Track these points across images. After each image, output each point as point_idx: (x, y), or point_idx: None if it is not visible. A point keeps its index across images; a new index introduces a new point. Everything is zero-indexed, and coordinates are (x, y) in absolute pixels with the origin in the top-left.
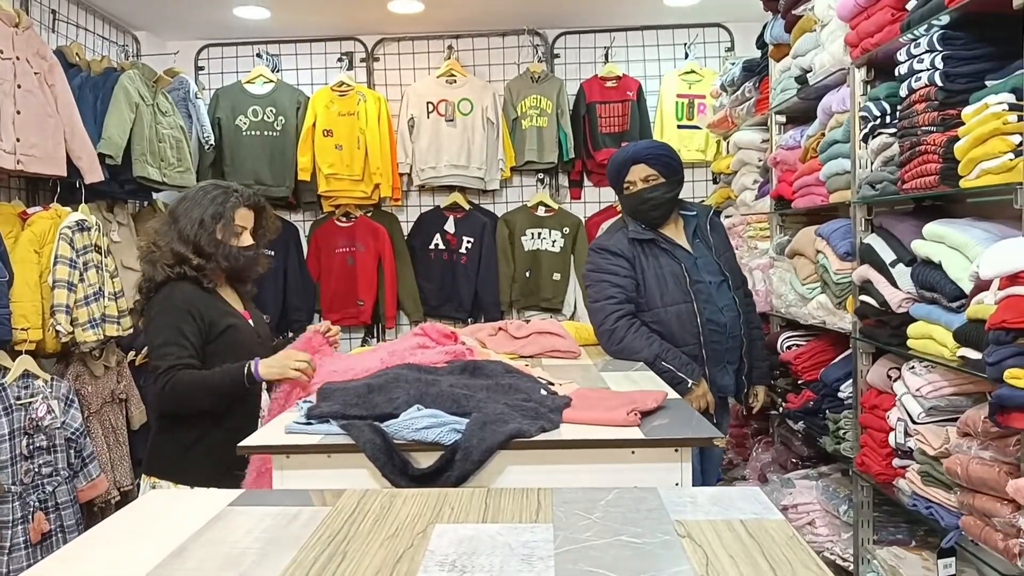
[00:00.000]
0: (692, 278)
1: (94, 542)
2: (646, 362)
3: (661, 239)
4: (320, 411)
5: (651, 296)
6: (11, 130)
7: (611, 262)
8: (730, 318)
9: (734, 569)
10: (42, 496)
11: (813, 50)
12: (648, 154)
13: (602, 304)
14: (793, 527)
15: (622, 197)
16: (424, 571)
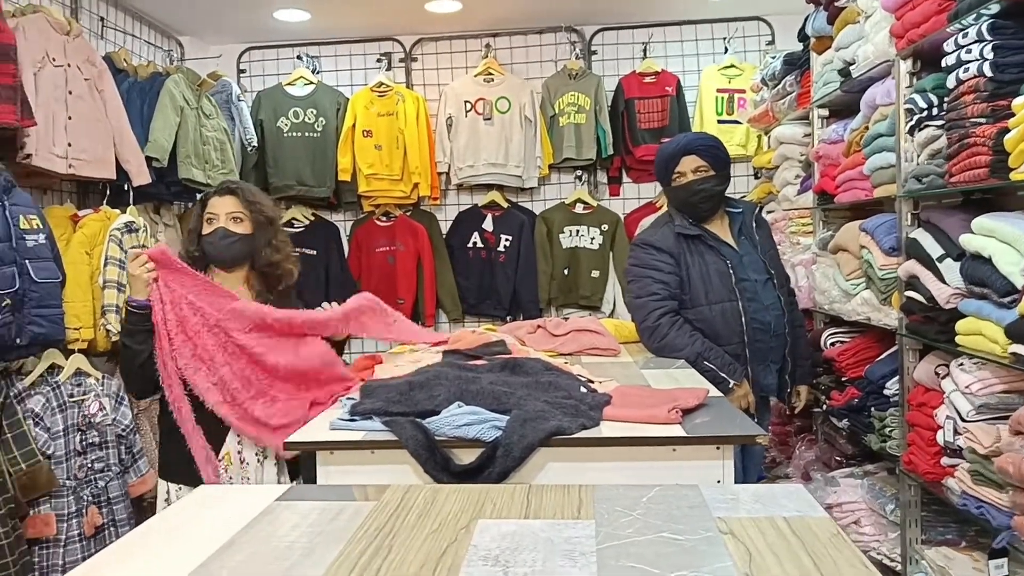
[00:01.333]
0: (738, 276)
1: (147, 535)
2: (688, 360)
3: (707, 235)
4: (363, 408)
5: (695, 293)
6: (63, 135)
7: (655, 258)
8: (775, 317)
9: (777, 566)
10: (95, 491)
11: (856, 42)
12: (700, 145)
13: (644, 300)
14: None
15: (669, 189)
16: (468, 565)
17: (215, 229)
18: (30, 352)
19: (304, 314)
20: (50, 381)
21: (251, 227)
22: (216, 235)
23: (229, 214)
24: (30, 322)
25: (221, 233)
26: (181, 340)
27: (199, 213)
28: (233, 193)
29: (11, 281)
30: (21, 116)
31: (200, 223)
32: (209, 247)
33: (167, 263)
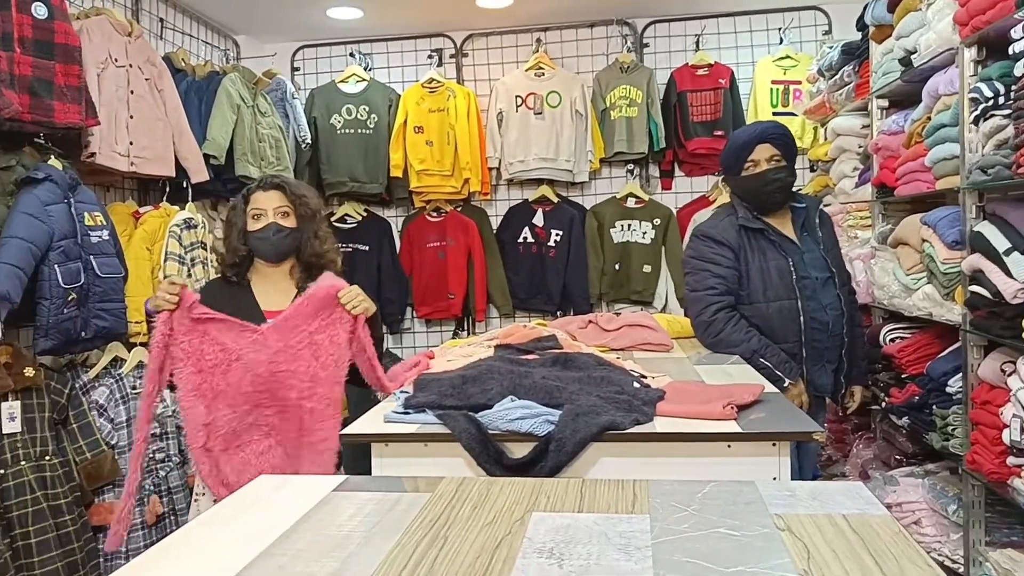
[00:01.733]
0: (798, 274)
1: (209, 523)
2: (743, 357)
3: (770, 230)
4: (417, 401)
5: (754, 290)
6: (125, 134)
7: (714, 251)
8: (833, 316)
9: (837, 564)
10: (156, 480)
11: (918, 30)
12: (775, 133)
13: (701, 295)
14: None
15: (738, 179)
16: (523, 557)
17: (266, 225)
18: (94, 345)
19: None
20: (113, 373)
21: (296, 220)
22: (268, 231)
23: (277, 209)
24: (94, 316)
25: (274, 228)
26: (190, 371)
27: (243, 209)
28: (279, 188)
29: (77, 276)
30: (86, 116)
31: (245, 219)
32: (260, 243)
33: (194, 309)
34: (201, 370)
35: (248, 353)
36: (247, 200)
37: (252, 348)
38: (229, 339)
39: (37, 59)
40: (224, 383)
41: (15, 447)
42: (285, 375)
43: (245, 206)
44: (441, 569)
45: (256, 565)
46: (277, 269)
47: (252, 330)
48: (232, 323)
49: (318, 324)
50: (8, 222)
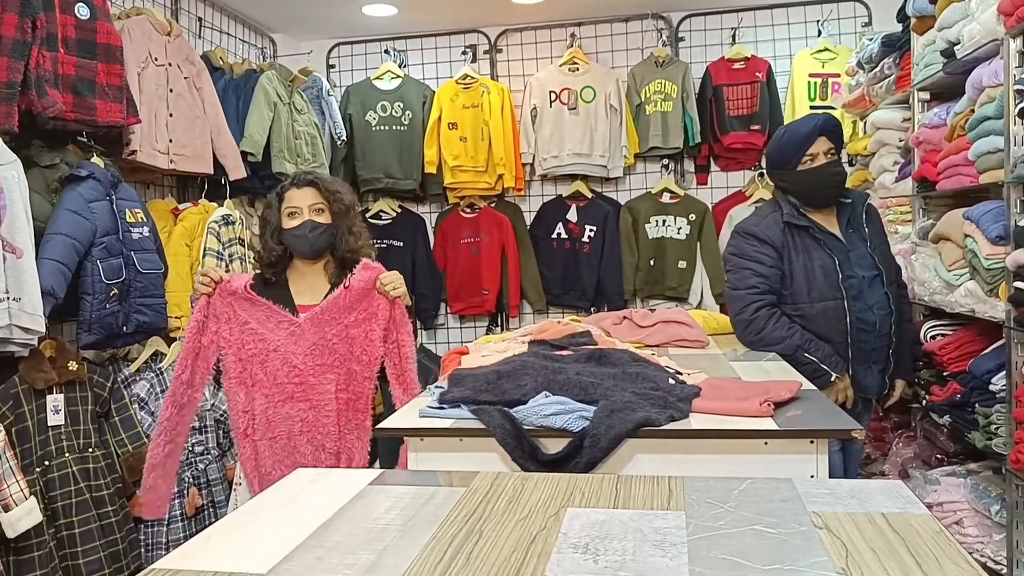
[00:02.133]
0: (844, 273)
1: (247, 516)
2: (786, 354)
3: (815, 227)
4: (452, 396)
5: (797, 289)
6: (165, 132)
7: (756, 249)
8: (880, 316)
9: (876, 563)
10: (195, 473)
11: (961, 21)
12: (832, 125)
13: (742, 293)
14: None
15: (793, 173)
16: (558, 552)
17: (303, 223)
18: (135, 339)
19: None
20: (153, 367)
21: (331, 216)
22: (305, 228)
23: (311, 206)
24: (135, 311)
25: (310, 226)
26: (232, 360)
27: (278, 207)
28: (313, 184)
29: (118, 272)
30: (127, 114)
31: (280, 217)
32: (297, 240)
33: (234, 293)
34: (241, 359)
35: (285, 344)
36: (281, 198)
37: (289, 339)
38: (267, 329)
39: (80, 59)
40: (262, 372)
41: (59, 439)
42: (321, 368)
43: (280, 204)
44: (477, 562)
45: (294, 557)
46: (313, 266)
47: (290, 321)
48: (271, 311)
49: (354, 318)
50: (52, 219)
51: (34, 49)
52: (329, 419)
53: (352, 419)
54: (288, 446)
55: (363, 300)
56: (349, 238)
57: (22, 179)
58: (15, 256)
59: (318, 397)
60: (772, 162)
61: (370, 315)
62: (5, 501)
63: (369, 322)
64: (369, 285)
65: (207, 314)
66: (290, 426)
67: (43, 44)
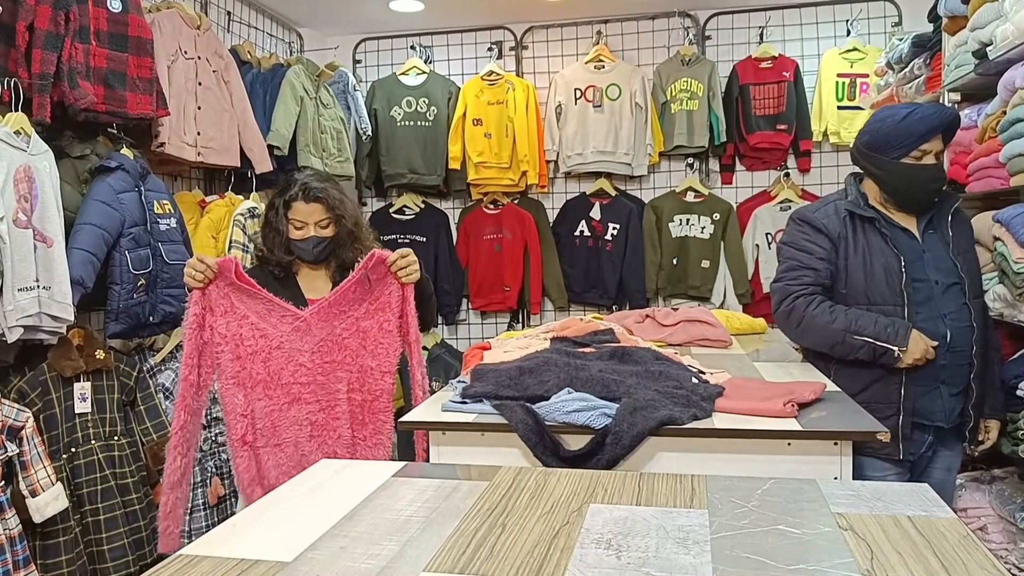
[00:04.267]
0: (910, 275)
1: (270, 506)
2: (835, 344)
3: (883, 220)
4: (474, 391)
5: (854, 289)
6: (193, 125)
7: (808, 238)
8: (956, 329)
9: (902, 566)
10: (218, 463)
11: (994, 21)
12: (956, 128)
13: (783, 284)
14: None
15: (894, 163)
16: (581, 547)
17: (307, 238)
18: (161, 329)
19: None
20: (179, 357)
21: (335, 229)
22: (309, 243)
23: (318, 222)
24: (162, 301)
25: (314, 241)
26: (228, 357)
27: (285, 215)
28: (319, 201)
29: (146, 262)
30: (156, 107)
31: (287, 227)
32: (302, 252)
33: (234, 280)
34: (240, 356)
35: (290, 341)
36: (288, 207)
37: (294, 335)
38: (270, 324)
39: (112, 51)
40: (264, 372)
41: (86, 427)
42: (331, 366)
43: (285, 212)
44: (500, 555)
45: (318, 546)
46: (317, 270)
47: (294, 315)
48: (273, 305)
49: (365, 309)
50: (82, 209)
51: (67, 41)
52: (340, 422)
53: (369, 422)
54: (295, 454)
55: (374, 290)
56: (349, 252)
57: (53, 169)
58: (46, 245)
59: (328, 398)
60: (873, 143)
61: (382, 305)
62: (32, 486)
63: (382, 312)
64: (380, 275)
65: (204, 307)
66: (297, 431)
67: (76, 36)
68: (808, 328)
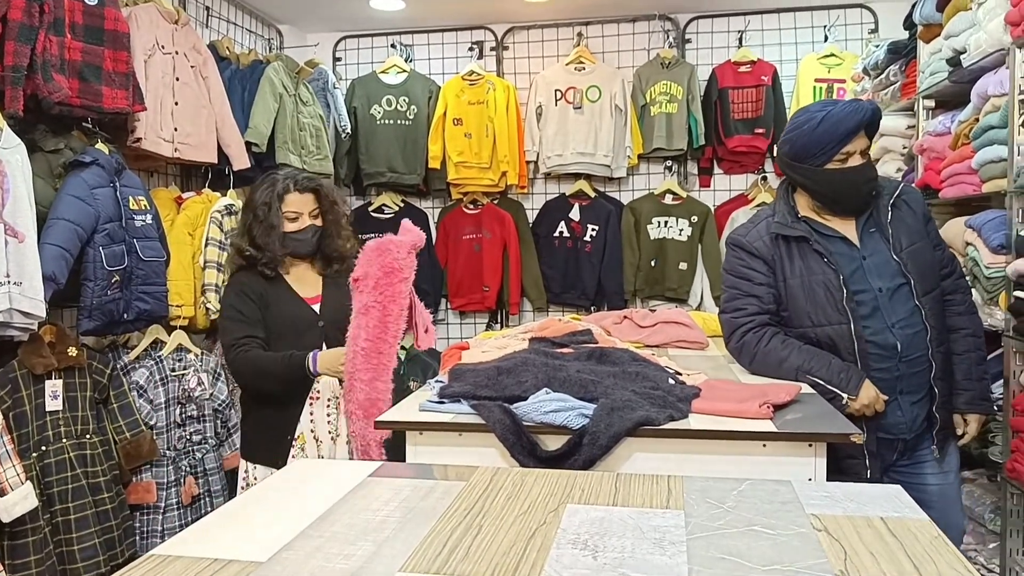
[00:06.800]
0: (850, 289)
1: (246, 505)
2: (789, 379)
3: (816, 236)
4: (452, 391)
5: (796, 312)
6: (170, 120)
7: (746, 264)
8: (907, 337)
9: (875, 566)
10: (192, 462)
11: (968, 30)
12: (878, 120)
13: (728, 317)
14: None
15: (819, 171)
16: (557, 547)
17: (305, 227)
18: (135, 327)
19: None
20: (153, 355)
21: (324, 220)
22: (307, 232)
23: (312, 212)
24: (136, 298)
25: (311, 230)
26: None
27: (278, 209)
28: (315, 191)
29: (121, 259)
30: (133, 102)
31: (280, 220)
32: (299, 244)
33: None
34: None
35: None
36: (282, 199)
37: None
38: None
39: (87, 45)
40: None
41: (57, 425)
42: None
43: (280, 205)
44: (476, 556)
45: (293, 546)
46: (304, 263)
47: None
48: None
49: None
50: (55, 204)
51: (41, 33)
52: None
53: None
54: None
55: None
56: (338, 241)
57: (26, 163)
58: (17, 240)
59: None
60: (794, 152)
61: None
62: (1, 486)
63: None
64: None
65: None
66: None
67: (50, 29)
68: (761, 364)
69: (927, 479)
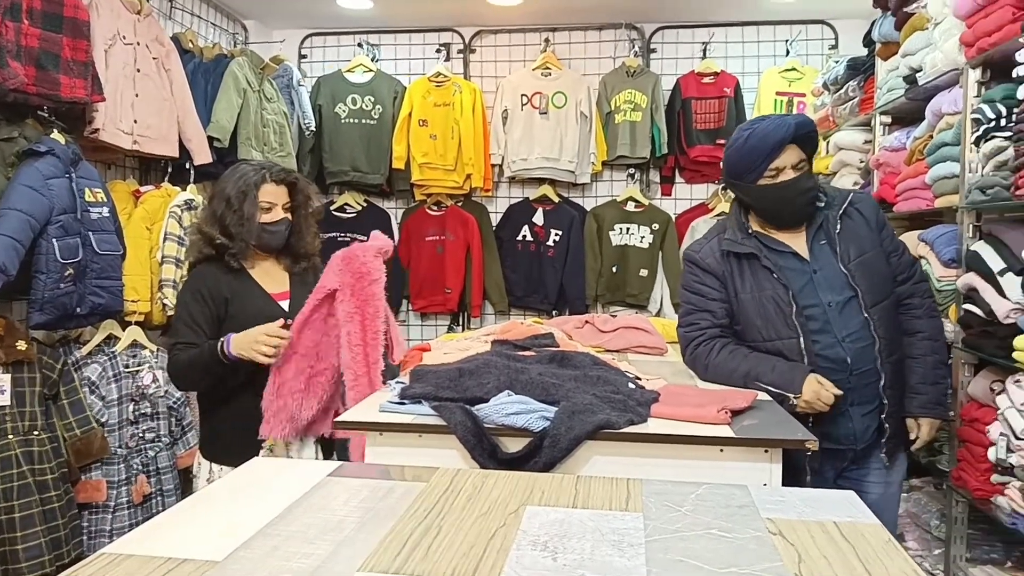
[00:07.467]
0: (800, 304)
1: (202, 503)
2: (740, 388)
3: (765, 253)
4: (413, 392)
5: (748, 326)
6: (130, 112)
7: (699, 279)
8: (856, 350)
9: (828, 569)
10: (145, 460)
11: (924, 49)
12: (808, 132)
13: (682, 332)
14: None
15: (753, 188)
16: (517, 549)
17: (280, 219)
18: (89, 322)
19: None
20: (107, 351)
21: (295, 215)
22: (281, 225)
23: (286, 204)
24: (91, 292)
25: (285, 223)
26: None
27: (255, 198)
28: (291, 184)
29: (75, 251)
30: (92, 92)
31: (256, 209)
32: (272, 237)
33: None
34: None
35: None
36: (257, 187)
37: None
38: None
39: (45, 31)
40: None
41: (3, 420)
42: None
43: (256, 194)
44: (435, 556)
45: (250, 545)
46: (270, 257)
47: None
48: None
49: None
50: (7, 194)
51: None
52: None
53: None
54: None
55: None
56: (307, 238)
57: None
58: None
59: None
60: (730, 170)
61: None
62: None
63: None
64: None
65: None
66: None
67: (6, 14)
68: (713, 374)
69: (870, 487)
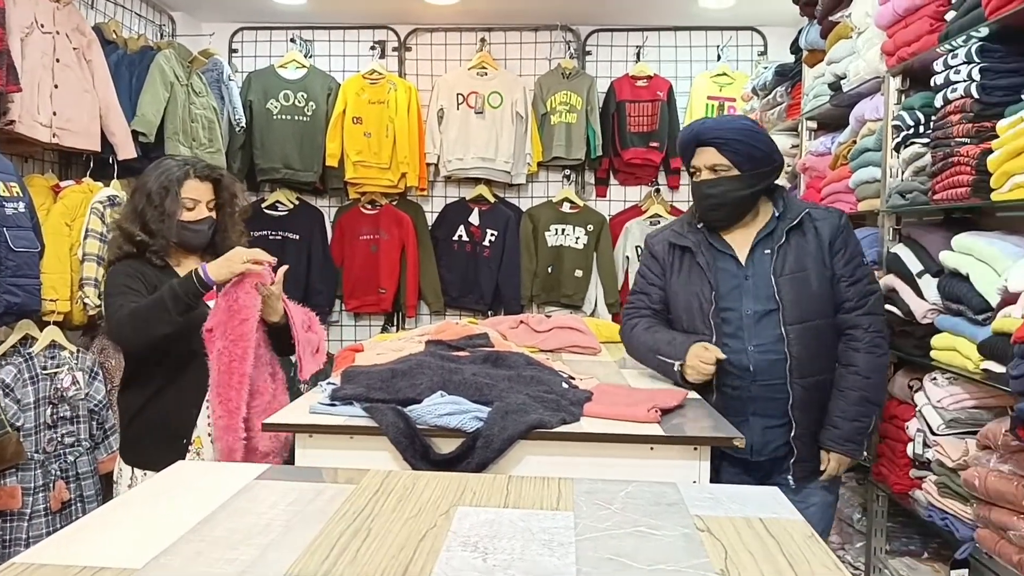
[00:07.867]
0: (719, 306)
1: (123, 508)
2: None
3: (704, 248)
4: (344, 393)
5: (675, 317)
6: (48, 104)
7: (645, 263)
8: (762, 361)
9: (753, 565)
10: (64, 465)
11: (848, 57)
12: (717, 136)
13: (623, 309)
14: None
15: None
16: (447, 550)
17: (203, 218)
18: (3, 322)
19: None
20: (23, 352)
21: (218, 211)
22: (204, 224)
23: (209, 202)
24: (5, 291)
25: (208, 222)
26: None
27: (176, 194)
28: (216, 181)
29: None
30: (7, 82)
31: (177, 207)
32: (193, 236)
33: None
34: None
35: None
36: (180, 184)
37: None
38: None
39: None
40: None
41: None
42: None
43: (179, 190)
44: (364, 560)
45: (172, 551)
46: (193, 255)
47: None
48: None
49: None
50: None
51: None
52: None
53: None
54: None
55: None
56: (232, 237)
57: None
58: None
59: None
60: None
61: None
62: None
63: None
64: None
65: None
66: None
67: None
68: (630, 348)
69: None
